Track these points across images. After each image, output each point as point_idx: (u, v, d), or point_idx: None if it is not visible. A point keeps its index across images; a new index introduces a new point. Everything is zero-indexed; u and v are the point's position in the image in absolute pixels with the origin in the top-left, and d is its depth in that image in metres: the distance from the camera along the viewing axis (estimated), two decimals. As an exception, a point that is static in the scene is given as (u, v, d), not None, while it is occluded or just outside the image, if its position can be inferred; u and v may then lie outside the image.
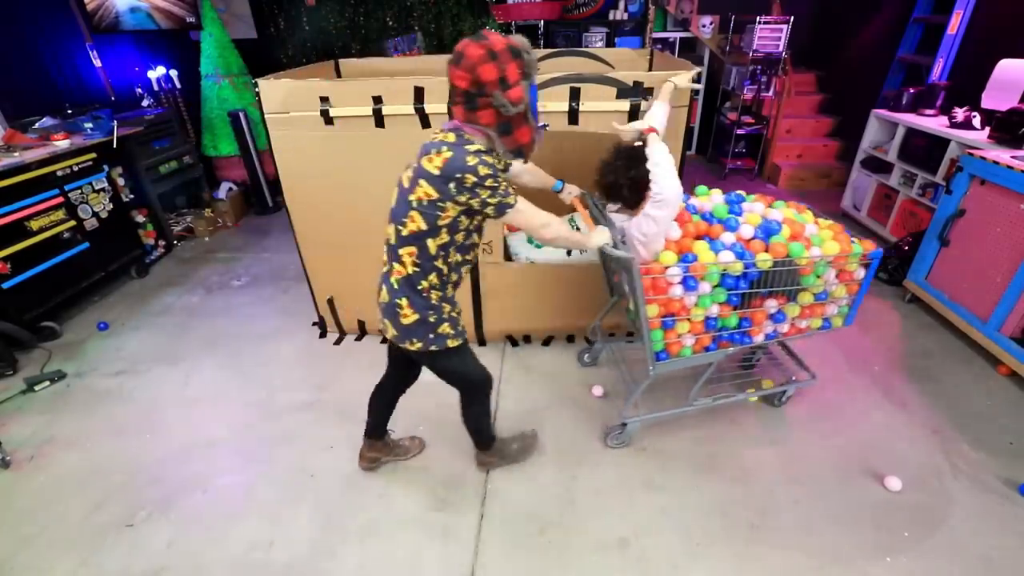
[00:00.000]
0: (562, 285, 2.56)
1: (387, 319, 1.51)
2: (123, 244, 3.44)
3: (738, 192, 2.03)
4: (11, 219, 2.65)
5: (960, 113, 3.12)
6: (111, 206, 3.30)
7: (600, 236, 1.59)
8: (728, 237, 1.74)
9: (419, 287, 1.43)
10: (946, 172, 3.12)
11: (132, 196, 3.59)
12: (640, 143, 1.75)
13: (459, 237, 1.40)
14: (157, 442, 2.18)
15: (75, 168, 3.04)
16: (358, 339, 2.84)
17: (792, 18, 4.54)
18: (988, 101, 3.17)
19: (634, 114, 2.06)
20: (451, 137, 1.32)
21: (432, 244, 1.37)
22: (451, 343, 1.51)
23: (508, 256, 2.57)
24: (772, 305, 1.81)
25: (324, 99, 2.14)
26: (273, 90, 2.17)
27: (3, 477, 2.04)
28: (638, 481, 1.94)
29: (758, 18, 4.57)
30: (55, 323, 2.91)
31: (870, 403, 2.29)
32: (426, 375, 1.72)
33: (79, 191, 3.07)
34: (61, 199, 2.95)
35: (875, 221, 3.87)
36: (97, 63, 3.87)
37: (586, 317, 2.64)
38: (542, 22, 5.39)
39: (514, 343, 2.74)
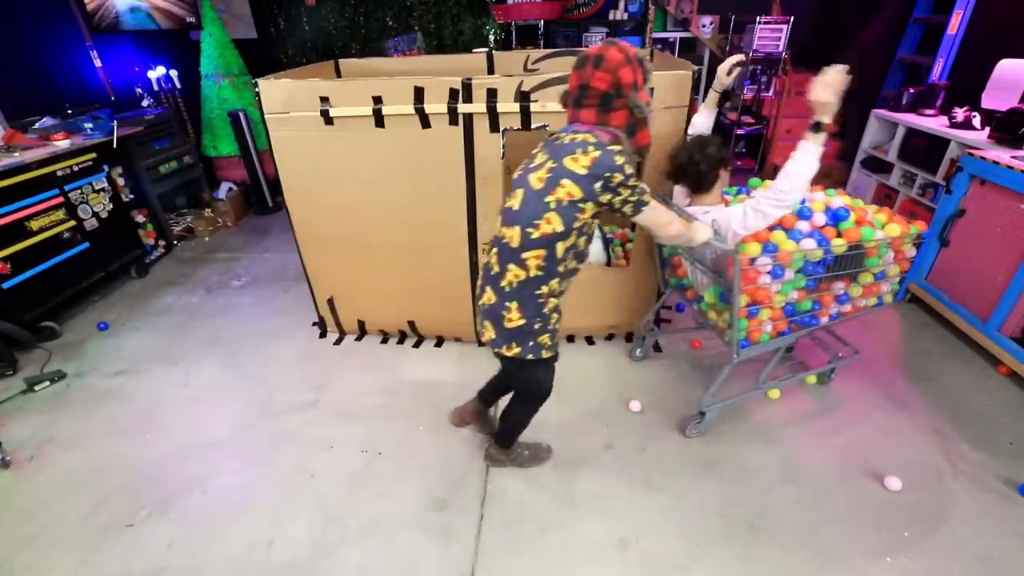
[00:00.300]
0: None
1: (488, 322, 1.50)
2: (123, 244, 3.44)
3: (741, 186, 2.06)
4: (11, 219, 2.65)
5: (960, 113, 3.12)
6: (111, 206, 3.30)
7: (705, 231, 1.61)
8: (803, 225, 1.84)
9: (537, 292, 1.42)
10: (946, 172, 3.12)
11: (132, 196, 3.59)
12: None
13: (581, 242, 1.42)
14: (157, 442, 2.19)
15: (75, 168, 3.04)
16: (358, 339, 2.84)
17: (792, 18, 4.54)
18: (988, 101, 3.17)
19: (634, 114, 2.06)
20: (592, 138, 1.33)
21: (561, 247, 1.37)
22: (545, 354, 1.51)
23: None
24: (839, 287, 1.93)
25: (324, 99, 2.14)
26: (273, 90, 2.17)
27: (3, 477, 2.04)
28: (638, 481, 1.94)
29: (758, 18, 4.57)
30: (55, 323, 2.91)
31: (870, 403, 2.29)
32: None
33: (79, 191, 3.07)
34: (61, 199, 2.95)
35: (875, 221, 3.86)
36: (97, 63, 3.88)
37: (586, 317, 2.64)
38: (542, 22, 5.38)
39: (514, 343, 2.74)
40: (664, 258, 2.29)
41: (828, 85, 1.50)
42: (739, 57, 1.94)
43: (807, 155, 1.56)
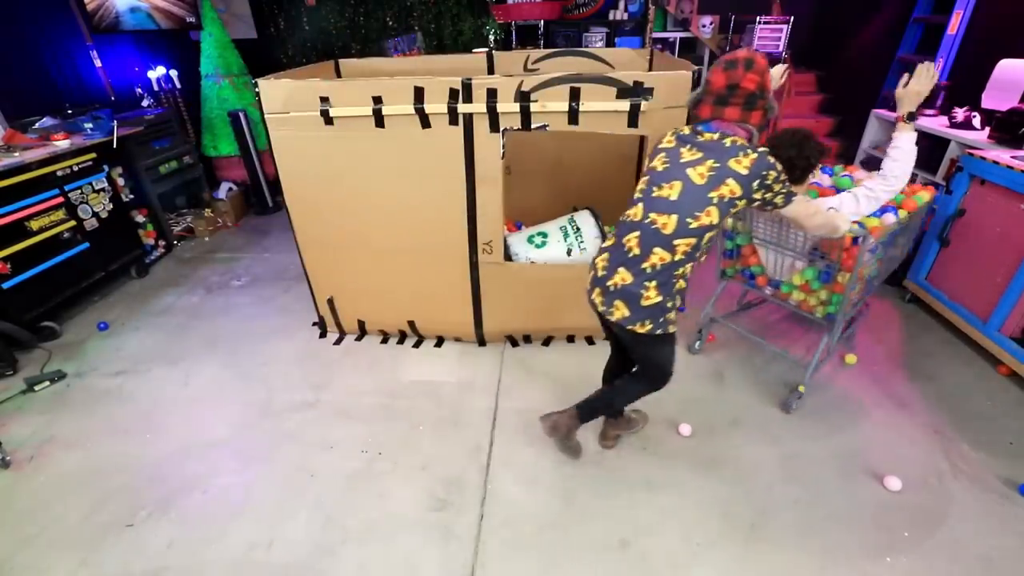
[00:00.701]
0: (562, 285, 2.55)
1: (621, 300, 1.55)
2: (123, 244, 3.44)
3: (825, 165, 2.23)
4: (11, 219, 2.65)
5: (960, 113, 3.12)
6: (111, 206, 3.30)
7: (846, 220, 1.72)
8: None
9: (675, 274, 1.52)
10: (946, 172, 3.12)
11: (132, 196, 3.59)
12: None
13: (715, 234, 1.53)
14: (157, 442, 2.19)
15: (75, 168, 3.04)
16: (358, 339, 2.84)
17: (792, 18, 4.54)
18: (988, 101, 3.17)
19: (634, 114, 2.06)
20: (739, 140, 1.48)
21: (707, 237, 1.50)
22: (671, 329, 1.60)
23: (508, 256, 2.57)
24: None
25: (324, 99, 2.14)
26: (273, 90, 2.17)
27: (3, 477, 2.04)
28: (638, 481, 1.94)
29: (758, 18, 4.57)
30: (55, 323, 2.91)
31: (870, 403, 2.29)
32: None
33: (79, 191, 3.07)
34: (61, 199, 2.95)
35: (875, 221, 3.87)
36: (97, 63, 3.88)
37: (586, 317, 2.63)
38: (542, 22, 5.38)
39: (514, 343, 2.74)
40: (729, 249, 2.37)
41: (923, 81, 1.74)
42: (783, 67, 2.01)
43: (908, 141, 1.74)
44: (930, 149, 3.26)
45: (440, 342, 2.77)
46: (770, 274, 2.23)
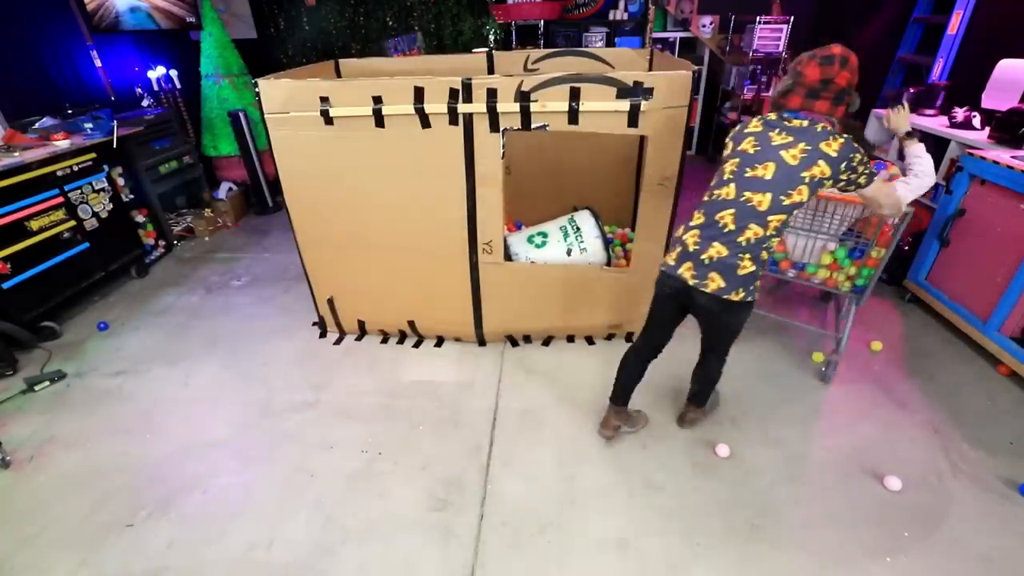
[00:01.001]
0: (562, 285, 2.56)
1: (716, 272, 1.64)
2: (123, 244, 3.43)
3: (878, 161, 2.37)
4: (11, 219, 2.65)
5: (960, 113, 3.12)
6: (111, 206, 3.30)
7: (906, 199, 1.83)
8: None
9: (765, 246, 1.63)
10: (946, 172, 3.12)
11: (132, 196, 3.59)
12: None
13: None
14: (157, 442, 2.19)
15: (75, 168, 3.04)
16: (358, 339, 2.84)
17: (792, 18, 4.54)
18: (988, 101, 3.17)
19: (634, 114, 2.06)
20: (830, 127, 1.60)
21: (795, 214, 1.65)
22: (756, 295, 1.71)
23: (508, 256, 2.57)
24: None
25: (324, 99, 2.14)
26: (273, 90, 2.17)
27: (3, 477, 2.04)
28: (638, 481, 1.94)
29: (758, 18, 4.57)
30: (55, 323, 2.91)
31: (870, 403, 2.29)
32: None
33: (79, 191, 3.07)
34: (61, 199, 2.95)
35: (875, 221, 3.86)
36: (97, 63, 3.88)
37: (586, 317, 2.64)
38: (542, 22, 5.38)
39: (514, 343, 2.74)
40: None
41: (901, 119, 2.05)
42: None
43: (920, 148, 1.96)
44: (930, 149, 3.26)
45: (440, 342, 2.77)
46: (796, 258, 2.40)
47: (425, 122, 2.14)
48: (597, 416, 2.24)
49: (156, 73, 4.30)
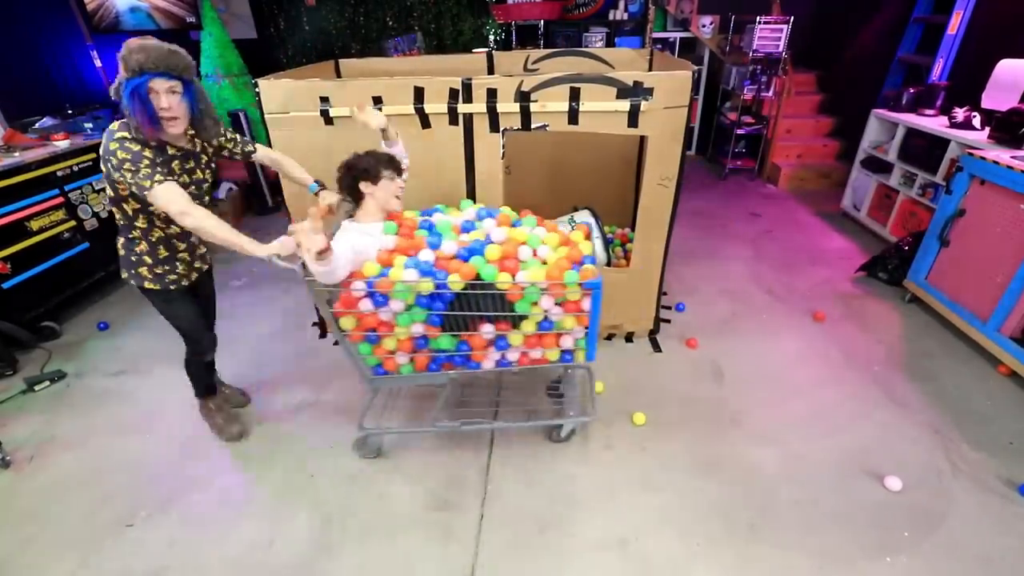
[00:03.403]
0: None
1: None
2: (123, 244, 3.43)
3: (489, 207, 1.97)
4: (11, 219, 2.65)
5: (960, 113, 3.12)
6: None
7: (267, 249, 1.65)
8: (427, 254, 1.63)
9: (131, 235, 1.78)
10: (946, 172, 3.12)
11: (132, 196, 3.58)
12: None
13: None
14: (157, 442, 2.19)
15: (75, 168, 3.04)
16: (358, 339, 2.84)
17: (792, 18, 4.54)
18: (988, 101, 3.17)
19: (634, 114, 2.06)
20: (114, 125, 1.54)
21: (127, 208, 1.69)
22: (147, 285, 1.92)
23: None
24: (489, 330, 1.70)
25: (324, 99, 2.14)
26: (273, 90, 2.17)
27: (3, 477, 2.04)
28: (638, 481, 1.94)
29: (758, 18, 4.57)
30: (55, 323, 2.91)
31: (870, 403, 2.29)
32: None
33: (79, 191, 3.07)
34: (61, 199, 2.95)
35: (875, 221, 3.87)
36: (97, 63, 3.88)
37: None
38: (542, 22, 5.38)
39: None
40: None
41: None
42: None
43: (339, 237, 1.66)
44: (930, 149, 3.27)
45: (440, 342, 2.77)
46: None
47: (425, 122, 2.14)
48: (599, 416, 2.23)
49: (156, 73, 4.29)
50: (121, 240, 1.80)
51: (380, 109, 2.11)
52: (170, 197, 1.54)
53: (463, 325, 1.71)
